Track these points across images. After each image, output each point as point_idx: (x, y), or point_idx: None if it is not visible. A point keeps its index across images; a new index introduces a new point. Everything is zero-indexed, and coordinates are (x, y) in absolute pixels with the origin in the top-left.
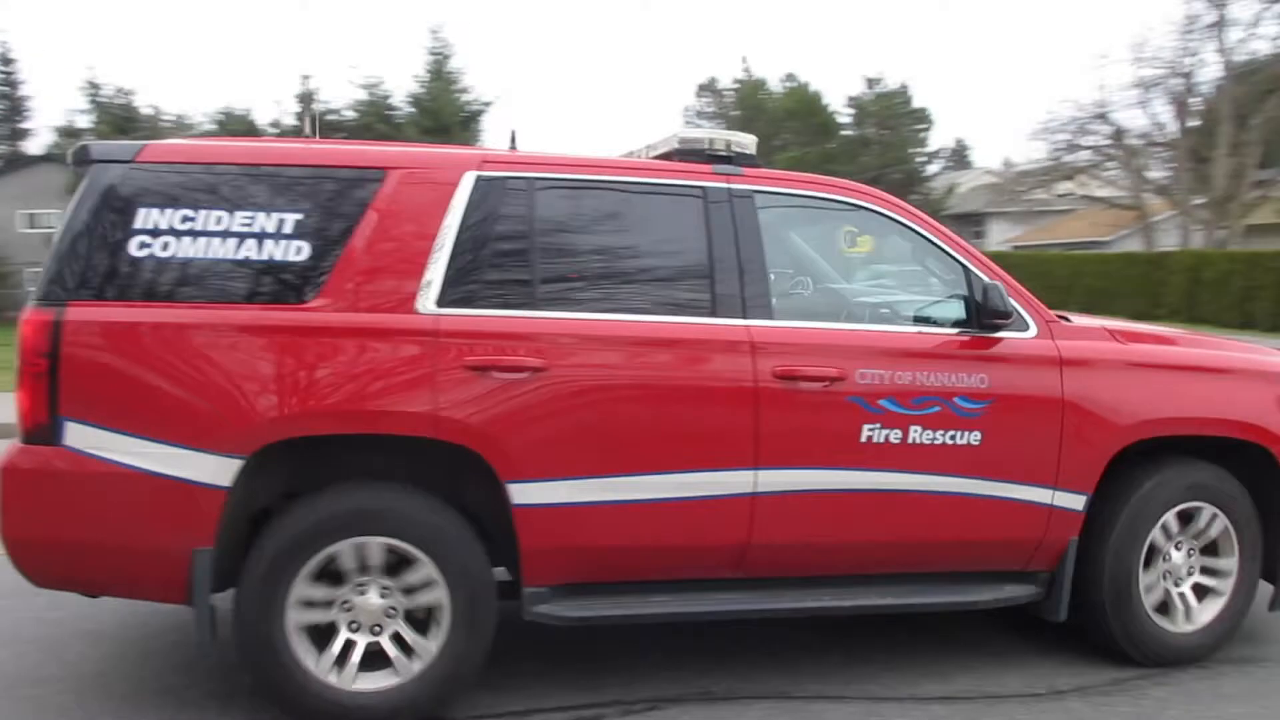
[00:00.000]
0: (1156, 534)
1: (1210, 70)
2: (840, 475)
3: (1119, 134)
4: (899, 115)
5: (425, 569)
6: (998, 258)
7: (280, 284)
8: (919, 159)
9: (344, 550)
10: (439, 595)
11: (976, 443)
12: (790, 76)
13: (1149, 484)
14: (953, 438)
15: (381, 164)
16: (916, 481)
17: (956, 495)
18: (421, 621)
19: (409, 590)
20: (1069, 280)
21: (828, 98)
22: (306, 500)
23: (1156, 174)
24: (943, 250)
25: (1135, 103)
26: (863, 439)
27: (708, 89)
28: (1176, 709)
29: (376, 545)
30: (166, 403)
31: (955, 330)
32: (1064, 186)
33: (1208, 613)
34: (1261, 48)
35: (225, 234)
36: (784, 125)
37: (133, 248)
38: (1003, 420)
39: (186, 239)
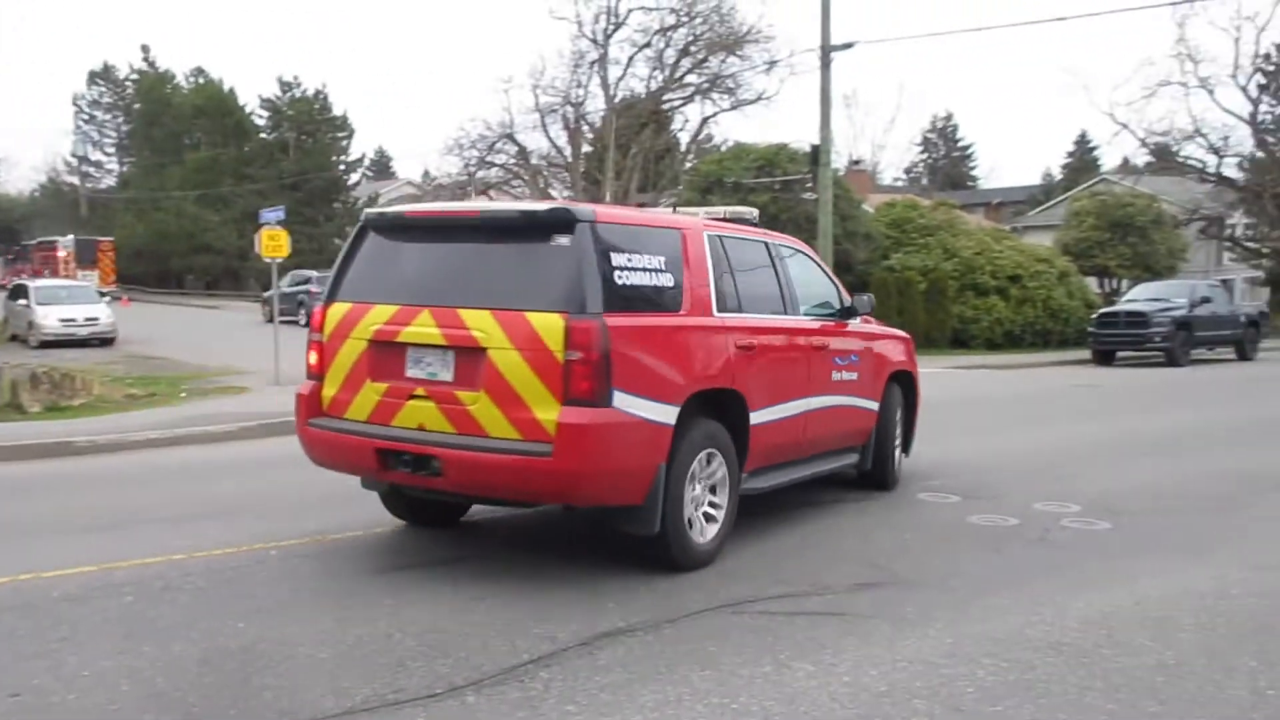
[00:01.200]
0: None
1: (597, 101)
2: (827, 398)
3: (524, 154)
4: (318, 121)
5: (719, 460)
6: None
7: (668, 300)
8: (340, 167)
9: (701, 456)
10: (724, 472)
11: (856, 378)
12: (199, 71)
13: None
14: (852, 375)
15: (678, 226)
16: (845, 400)
17: (854, 406)
18: (714, 489)
19: (710, 475)
20: None
21: (242, 98)
22: (691, 429)
23: (558, 192)
24: (830, 279)
25: (536, 126)
26: (834, 378)
27: (102, 78)
28: (559, 689)
29: (706, 453)
30: (647, 374)
31: (839, 319)
32: (479, 201)
33: None
34: (636, 86)
35: (643, 269)
36: (194, 123)
37: (615, 277)
38: (861, 364)
39: (629, 272)
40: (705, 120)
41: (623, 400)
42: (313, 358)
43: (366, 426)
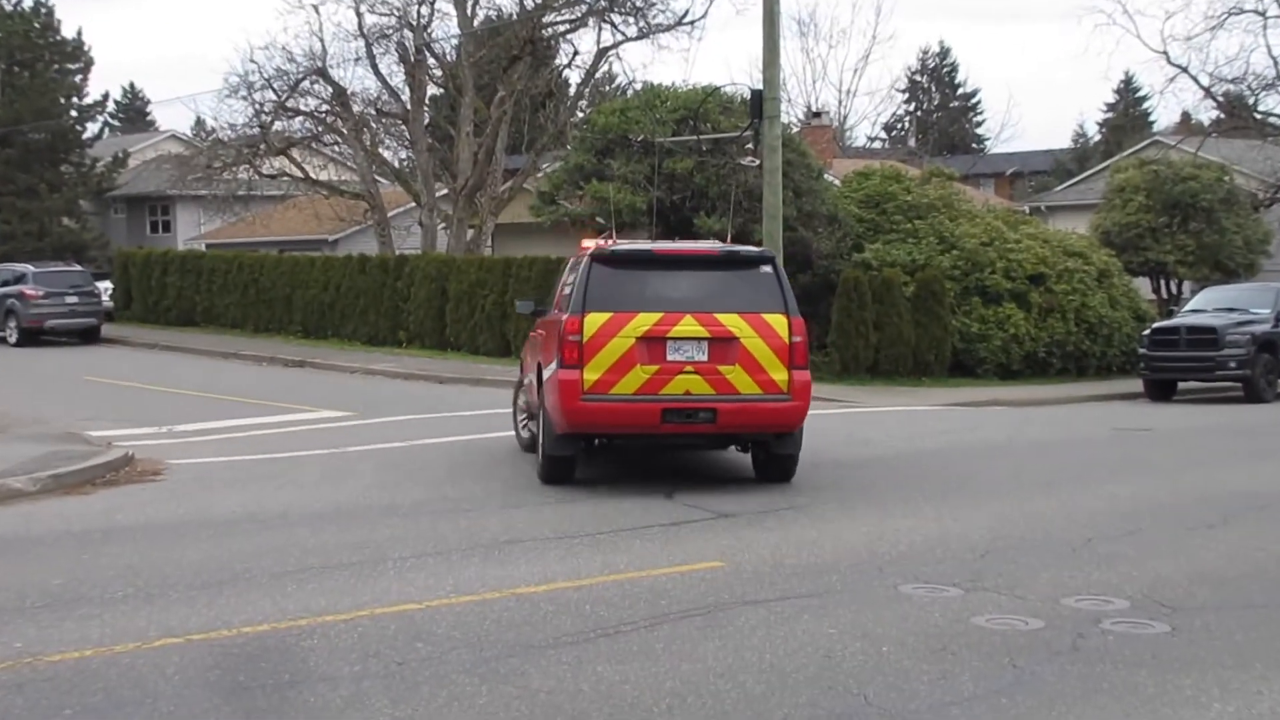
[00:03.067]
0: None
1: (449, 24)
2: None
3: (342, 97)
4: (36, 46)
5: None
6: (190, 257)
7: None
8: (72, 113)
9: None
10: None
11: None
12: None
13: None
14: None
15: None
16: None
17: None
18: None
19: None
20: (287, 290)
21: None
22: None
23: (391, 152)
24: None
25: (359, 58)
26: None
27: None
28: None
29: None
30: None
31: None
32: (276, 164)
33: None
34: (505, 2)
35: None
36: None
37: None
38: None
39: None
40: (603, 53)
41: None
42: (571, 353)
43: (637, 396)
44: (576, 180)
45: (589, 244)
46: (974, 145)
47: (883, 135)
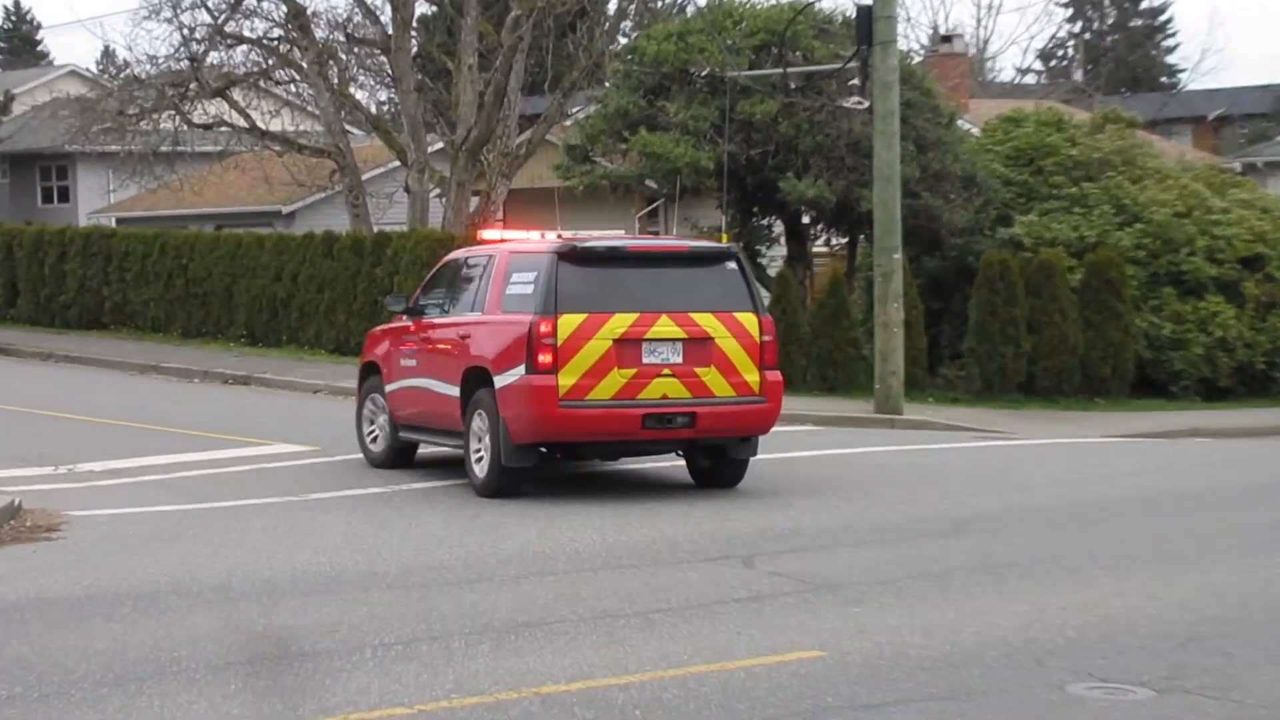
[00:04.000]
0: None
1: None
2: None
3: (301, 18)
4: None
5: None
6: (95, 237)
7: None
8: None
9: None
10: None
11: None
12: None
13: None
14: None
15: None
16: None
17: None
18: None
19: None
20: (227, 281)
21: None
22: None
23: (366, 92)
24: None
25: None
26: None
27: None
28: None
29: None
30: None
31: None
32: (211, 110)
33: None
34: None
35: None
36: None
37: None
38: None
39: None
40: None
41: None
42: (546, 358)
43: (616, 402)
44: (618, 130)
45: (491, 235)
46: (1163, 80)
47: (1037, 67)
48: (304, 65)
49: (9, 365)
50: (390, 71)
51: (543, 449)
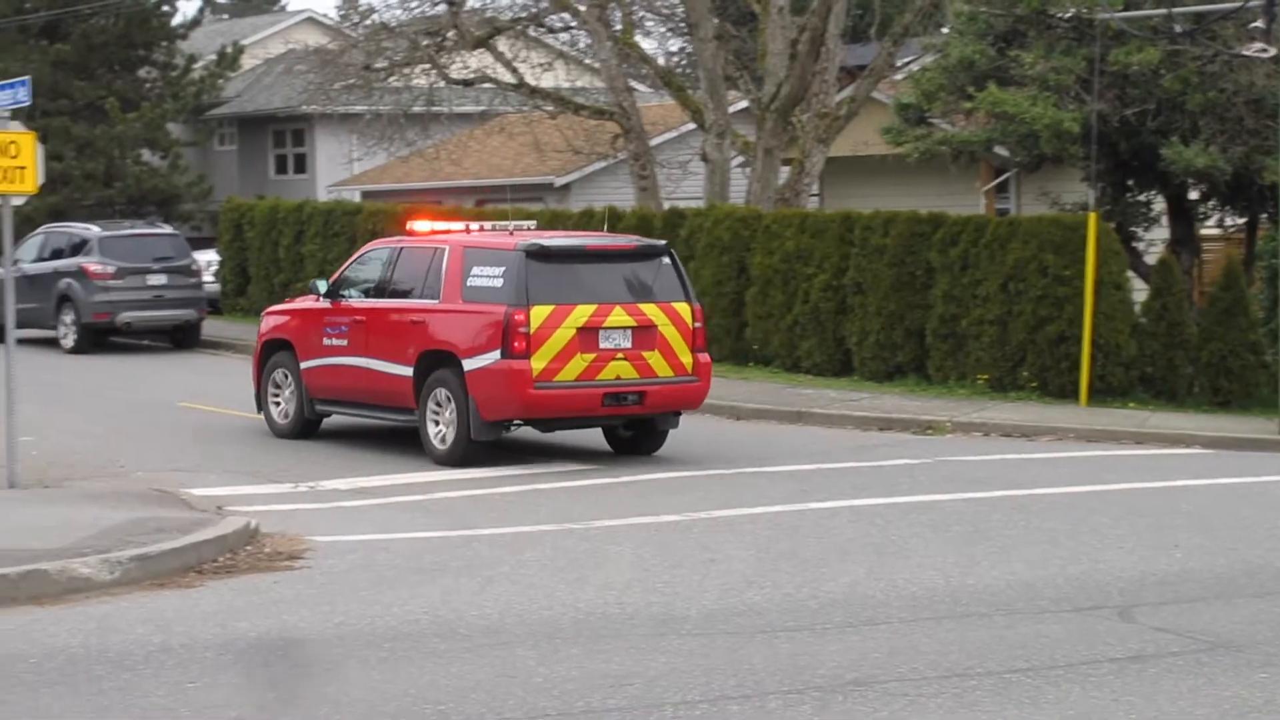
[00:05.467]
0: None
1: None
2: None
3: None
4: None
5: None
6: (338, 214)
7: None
8: None
9: None
10: None
11: None
12: None
13: None
14: None
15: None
16: None
17: None
18: None
19: None
20: None
21: None
22: None
23: (659, 45)
24: None
25: None
26: None
27: None
28: None
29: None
30: None
31: None
32: (472, 63)
33: None
34: None
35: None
36: None
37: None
38: None
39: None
40: None
41: None
42: (520, 345)
43: (579, 383)
44: (961, 85)
45: (420, 227)
46: None
47: None
48: (581, 9)
49: (237, 364)
50: (684, 16)
51: (512, 426)
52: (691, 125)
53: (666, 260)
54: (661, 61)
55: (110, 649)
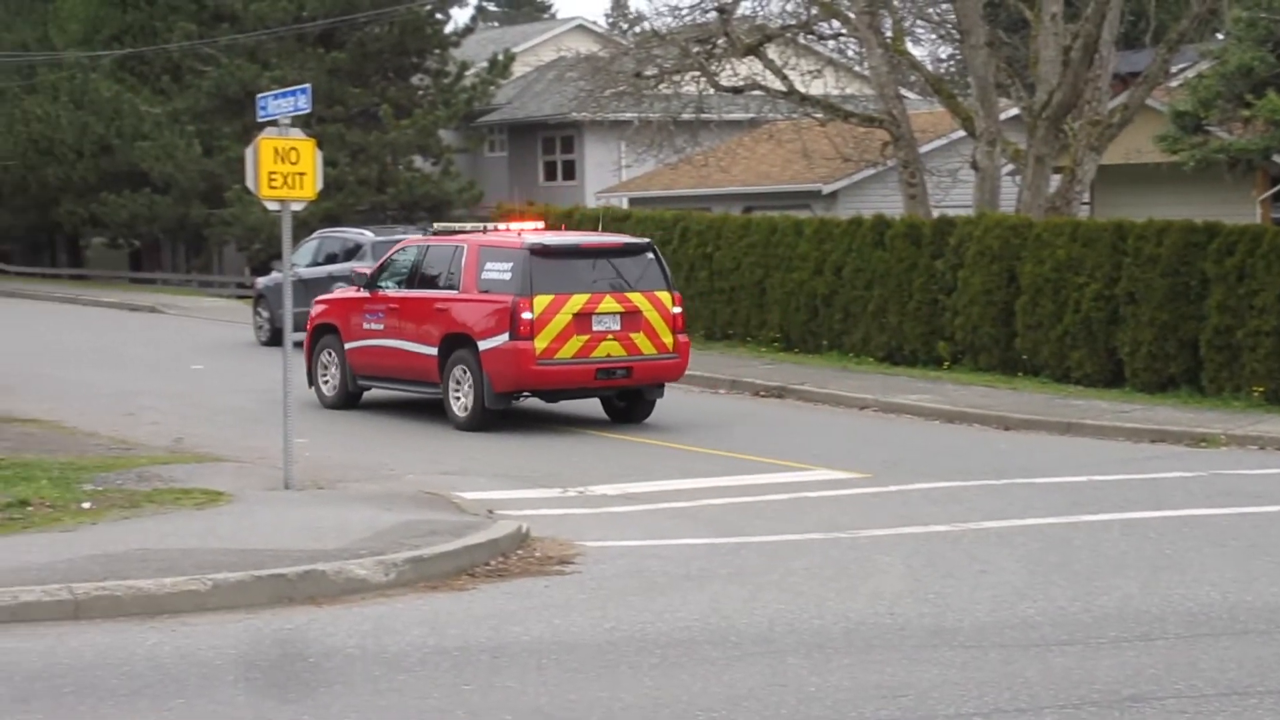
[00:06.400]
0: None
1: None
2: None
3: None
4: None
5: None
6: (608, 220)
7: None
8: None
9: None
10: None
11: None
12: None
13: None
14: None
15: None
16: None
17: None
18: None
19: None
20: (759, 274)
21: None
22: None
23: (928, 52)
24: None
25: None
26: None
27: None
28: None
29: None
30: None
31: None
32: (741, 71)
33: None
34: None
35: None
36: None
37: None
38: None
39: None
40: None
41: None
42: (524, 328)
43: (575, 360)
44: (1239, 93)
45: (443, 228)
46: None
47: None
48: (851, 16)
49: None
50: (955, 23)
51: (521, 396)
52: (961, 133)
53: (650, 255)
54: (931, 68)
55: (386, 650)
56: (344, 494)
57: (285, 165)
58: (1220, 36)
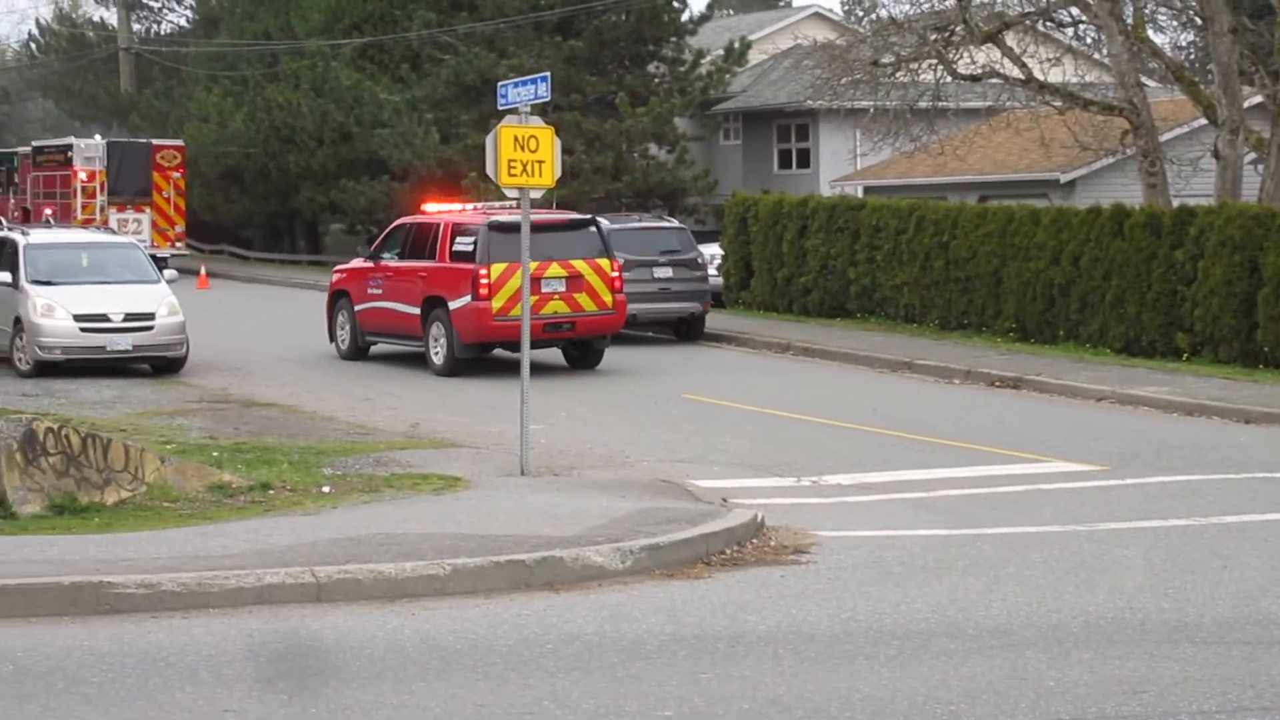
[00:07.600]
0: None
1: None
2: None
3: None
4: None
5: None
6: (841, 208)
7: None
8: None
9: None
10: None
11: None
12: None
13: None
14: None
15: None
16: None
17: None
18: None
19: None
20: (994, 263)
21: None
22: None
23: (1169, 39)
24: None
25: None
26: None
27: None
28: None
29: None
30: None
31: None
32: (979, 58)
33: None
34: None
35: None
36: None
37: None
38: None
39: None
40: None
41: None
42: (484, 291)
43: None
44: None
45: (432, 208)
46: None
47: None
48: (1091, 2)
49: (741, 357)
50: (1198, 9)
51: (489, 349)
52: (1202, 121)
53: (593, 229)
54: (1172, 55)
55: (623, 637)
56: (579, 481)
57: (525, 153)
58: None
